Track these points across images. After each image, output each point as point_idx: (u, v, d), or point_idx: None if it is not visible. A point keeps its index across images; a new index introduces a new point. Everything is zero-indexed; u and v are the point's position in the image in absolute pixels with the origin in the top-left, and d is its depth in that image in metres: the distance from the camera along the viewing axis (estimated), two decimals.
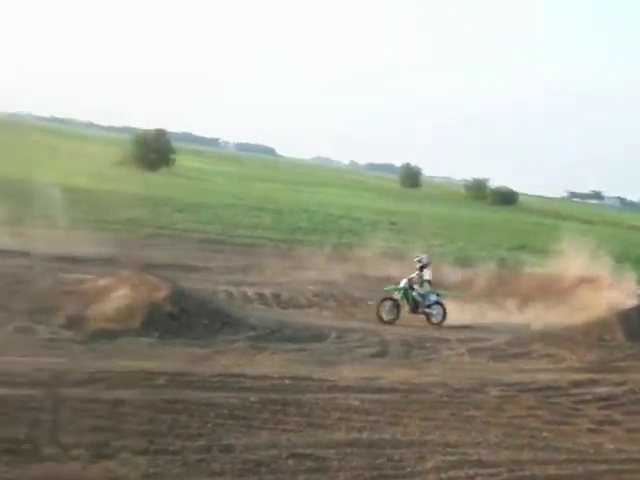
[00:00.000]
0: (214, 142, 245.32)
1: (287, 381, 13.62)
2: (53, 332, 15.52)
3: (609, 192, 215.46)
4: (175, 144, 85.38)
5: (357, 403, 12.90)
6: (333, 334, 18.07)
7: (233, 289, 22.55)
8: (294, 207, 55.02)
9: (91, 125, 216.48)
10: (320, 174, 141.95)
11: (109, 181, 49.64)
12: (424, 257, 22.15)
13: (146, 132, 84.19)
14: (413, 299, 21.47)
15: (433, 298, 21.67)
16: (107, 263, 22.15)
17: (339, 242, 37.08)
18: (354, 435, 11.43)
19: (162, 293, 17.17)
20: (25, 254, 23.02)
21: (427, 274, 21.79)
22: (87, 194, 40.52)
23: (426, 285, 21.67)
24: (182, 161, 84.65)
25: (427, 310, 21.55)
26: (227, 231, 37.82)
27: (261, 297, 22.22)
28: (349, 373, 14.77)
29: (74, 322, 16.03)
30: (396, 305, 21.26)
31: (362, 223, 50.49)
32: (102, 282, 18.11)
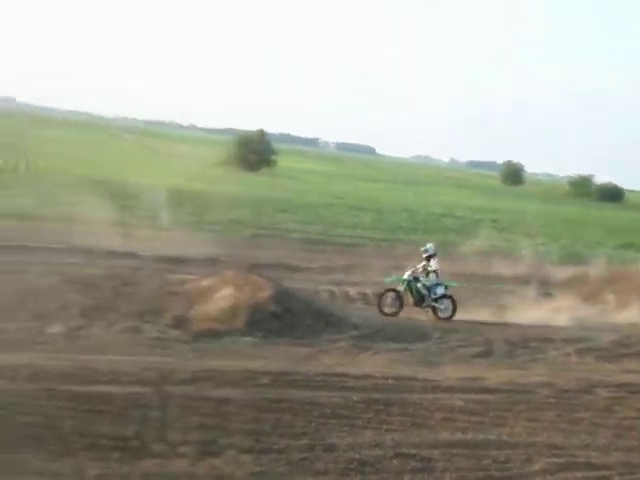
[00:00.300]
0: (313, 142, 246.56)
1: (390, 381, 13.57)
2: (160, 332, 15.81)
3: None
4: (275, 145, 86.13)
5: (461, 403, 12.76)
6: (436, 333, 17.92)
7: (335, 289, 22.60)
8: (395, 206, 54.83)
9: (193, 127, 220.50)
10: (420, 172, 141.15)
11: (212, 182, 50.45)
12: (430, 246, 21.00)
13: (247, 133, 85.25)
14: (417, 291, 20.44)
15: (440, 291, 20.53)
16: (211, 263, 22.45)
17: (441, 241, 36.76)
18: (458, 436, 11.32)
19: (265, 293, 17.30)
20: (132, 255, 23.57)
21: (434, 264, 20.70)
22: (190, 195, 41.22)
23: (432, 276, 20.59)
24: (283, 161, 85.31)
25: (434, 304, 20.49)
26: (328, 231, 37.93)
27: (363, 297, 22.19)
28: (453, 373, 14.62)
29: (180, 322, 16.29)
30: (399, 297, 20.27)
31: (464, 221, 50.01)
32: (206, 282, 18.33)
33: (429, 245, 21.13)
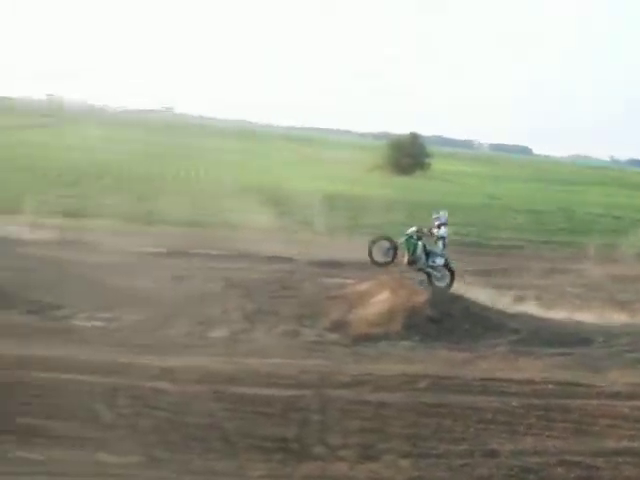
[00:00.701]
0: (468, 144, 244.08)
1: (551, 386, 13.24)
2: (318, 335, 16.04)
3: None
4: (429, 148, 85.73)
5: (627, 410, 12.32)
6: (599, 338, 17.37)
7: (492, 292, 22.24)
8: (552, 207, 53.59)
9: (347, 132, 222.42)
10: (578, 172, 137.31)
11: (366, 186, 50.72)
12: (444, 214, 19.81)
13: (400, 137, 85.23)
14: (415, 251, 19.38)
15: (439, 262, 19.48)
16: (367, 267, 22.53)
17: (601, 242, 35.62)
18: (625, 443, 10.95)
19: (421, 297, 17.28)
20: (291, 260, 24.00)
21: (443, 231, 19.58)
22: (346, 200, 41.56)
23: (440, 244, 19.56)
24: (437, 164, 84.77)
25: (429, 270, 19.47)
26: (484, 233, 37.43)
27: (522, 300, 21.74)
28: (618, 379, 14.12)
29: (338, 326, 16.49)
30: (394, 248, 19.39)
31: (625, 222, 48.23)
32: (363, 286, 18.48)
33: (442, 212, 20.07)
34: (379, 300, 17.32)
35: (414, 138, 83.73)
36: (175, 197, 36.79)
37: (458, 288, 20.09)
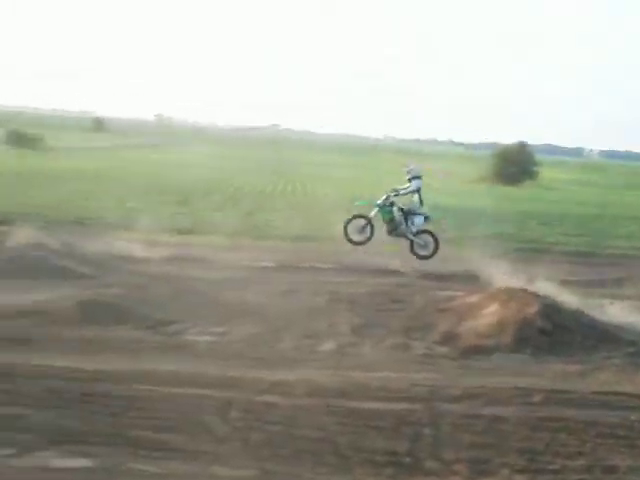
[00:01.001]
0: (578, 151, 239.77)
1: None
2: (427, 348, 15.91)
3: None
4: (538, 156, 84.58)
5: None
6: None
7: (606, 303, 21.65)
8: None
9: (450, 142, 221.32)
10: None
11: (474, 197, 50.22)
12: (415, 166, 19.11)
13: (507, 146, 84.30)
14: (392, 219, 18.86)
15: (419, 222, 18.90)
16: (477, 280, 22.24)
17: None
18: None
19: (532, 308, 16.92)
20: (397, 272, 23.87)
21: (414, 185, 18.77)
22: (453, 211, 41.21)
23: (415, 199, 18.87)
24: (545, 173, 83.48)
25: (411, 237, 18.95)
26: (596, 242, 36.51)
27: (638, 311, 21.11)
28: None
29: (447, 338, 16.32)
30: (370, 224, 18.92)
31: None
32: (472, 299, 18.25)
33: (413, 166, 19.42)
34: (489, 312, 17.08)
35: (521, 147, 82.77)
36: (283, 212, 37.27)
37: (569, 299, 19.68)
